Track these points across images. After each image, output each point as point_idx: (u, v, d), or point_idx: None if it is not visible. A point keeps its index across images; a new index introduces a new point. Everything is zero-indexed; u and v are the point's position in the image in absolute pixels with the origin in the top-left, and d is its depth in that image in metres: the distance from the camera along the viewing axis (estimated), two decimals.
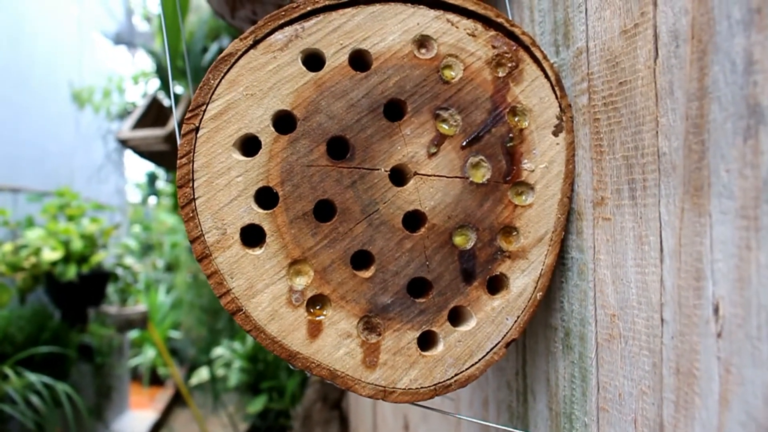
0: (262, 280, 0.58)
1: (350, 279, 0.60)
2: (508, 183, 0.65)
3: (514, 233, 0.65)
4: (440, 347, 0.62)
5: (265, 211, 0.59)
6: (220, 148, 0.59)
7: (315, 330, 0.59)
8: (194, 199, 0.58)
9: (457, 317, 0.64)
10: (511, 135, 0.65)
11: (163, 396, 4.87)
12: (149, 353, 4.82)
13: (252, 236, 0.60)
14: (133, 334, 4.56)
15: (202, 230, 0.58)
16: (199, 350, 3.99)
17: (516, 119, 0.66)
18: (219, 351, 3.40)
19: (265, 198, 0.60)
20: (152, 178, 5.27)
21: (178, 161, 0.58)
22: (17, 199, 3.12)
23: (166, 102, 2.75)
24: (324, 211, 0.61)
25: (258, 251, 0.59)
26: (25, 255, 2.75)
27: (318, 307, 0.60)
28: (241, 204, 0.58)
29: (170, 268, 5.30)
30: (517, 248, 0.65)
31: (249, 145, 0.60)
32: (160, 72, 2.72)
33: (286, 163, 0.59)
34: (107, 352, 3.60)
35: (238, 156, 0.59)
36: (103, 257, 2.97)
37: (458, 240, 0.64)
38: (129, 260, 3.39)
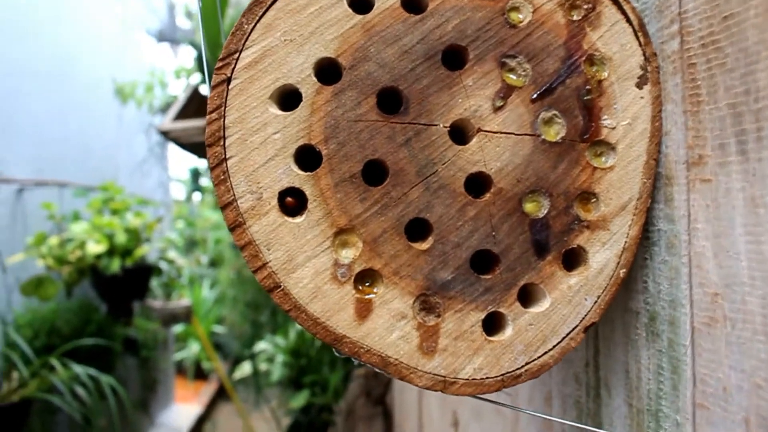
0: (303, 252, 0.50)
1: (404, 251, 0.51)
2: (586, 142, 0.55)
3: (593, 200, 0.56)
4: (509, 331, 0.53)
5: (307, 173, 0.50)
6: (255, 101, 0.50)
7: (364, 310, 0.51)
8: (225, 160, 0.50)
9: (527, 297, 0.55)
10: (588, 87, 0.56)
11: (208, 390, 4.87)
12: (193, 347, 4.82)
13: (293, 201, 0.51)
14: (178, 328, 4.56)
15: (234, 195, 0.50)
16: (242, 345, 3.96)
17: (594, 69, 0.56)
18: (261, 345, 3.35)
19: (307, 158, 0.52)
20: (196, 174, 5.28)
21: (208, 116, 0.50)
22: (63, 193, 3.12)
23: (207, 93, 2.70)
24: (374, 173, 0.52)
25: (298, 219, 0.50)
26: (71, 248, 2.74)
27: (367, 284, 0.52)
28: (278, 164, 0.50)
29: (214, 263, 5.30)
30: (596, 217, 0.55)
31: (288, 98, 0.52)
32: (202, 66, 2.67)
33: (330, 118, 0.51)
34: (152, 346, 3.59)
35: (275, 110, 0.51)
36: (147, 251, 2.95)
37: (529, 207, 0.54)
38: (172, 254, 3.37)
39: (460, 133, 0.53)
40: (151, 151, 3.51)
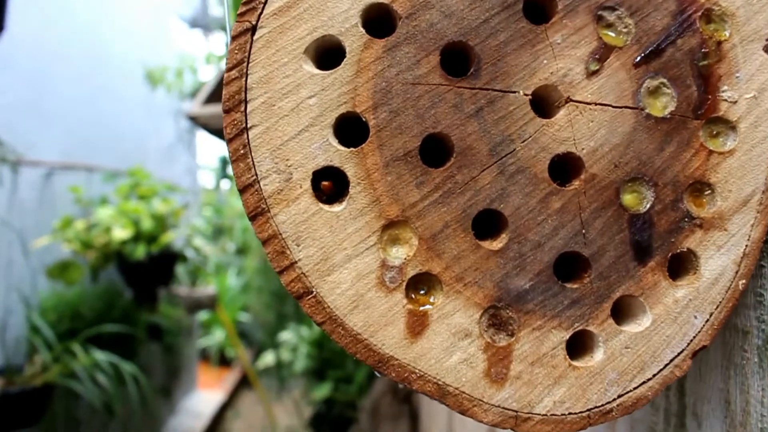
0: (342, 249, 0.39)
1: (471, 252, 0.39)
2: (700, 119, 0.43)
3: (708, 192, 0.43)
4: (599, 355, 0.41)
5: (349, 149, 0.39)
6: (286, 56, 0.39)
7: (418, 325, 0.39)
8: (247, 129, 0.38)
9: (623, 312, 0.43)
10: (704, 50, 0.43)
11: (231, 377, 4.80)
12: (218, 335, 4.76)
13: (329, 185, 0.40)
14: (203, 315, 4.50)
15: (257, 175, 0.38)
16: (267, 334, 3.89)
17: (711, 28, 0.44)
18: (285, 335, 3.26)
19: (350, 130, 0.40)
20: (225, 162, 5.19)
21: (226, 75, 0.39)
22: (92, 178, 3.05)
23: None
24: (435, 150, 0.40)
25: (337, 207, 0.39)
26: (97, 233, 2.67)
27: (422, 292, 0.40)
28: (314, 137, 0.39)
29: (241, 252, 5.24)
30: (711, 214, 0.43)
31: (328, 54, 0.40)
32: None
33: (381, 80, 0.39)
34: (176, 333, 3.53)
35: (311, 68, 0.39)
36: (172, 238, 2.87)
37: (628, 199, 0.42)
38: (198, 241, 3.29)
39: (544, 104, 0.41)
40: (179, 137, 3.42)
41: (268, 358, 3.57)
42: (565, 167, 0.41)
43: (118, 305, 2.80)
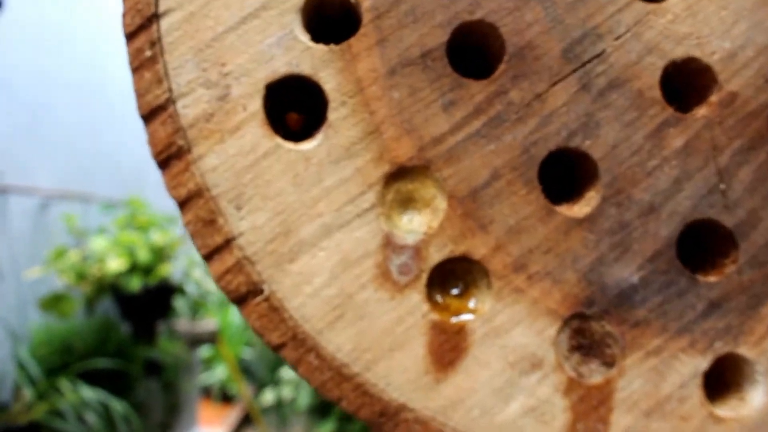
0: (315, 216, 0.22)
1: (539, 221, 0.22)
2: None
3: None
4: (758, 397, 0.24)
5: (328, 46, 0.22)
6: None
7: (449, 349, 0.22)
8: (157, 17, 0.22)
9: None
10: None
11: (233, 414, 4.58)
12: (220, 371, 4.55)
13: (298, 119, 0.23)
14: (205, 351, 4.30)
15: (171, 90, 0.22)
16: (268, 369, 3.69)
17: None
18: (287, 371, 3.06)
19: (329, 19, 0.23)
20: None
21: None
22: (89, 208, 2.91)
23: None
24: (473, 51, 0.24)
25: (308, 144, 0.22)
26: (91, 265, 2.51)
27: (456, 292, 0.23)
28: (267, 27, 0.22)
29: None
30: None
31: None
32: None
33: None
34: (176, 368, 3.34)
35: None
36: (169, 270, 2.70)
37: None
38: (198, 274, 3.12)
39: None
40: None
41: (268, 396, 3.36)
42: (685, 83, 0.24)
43: (113, 339, 2.62)
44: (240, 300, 0.21)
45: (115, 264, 2.47)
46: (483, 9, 0.23)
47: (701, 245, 0.24)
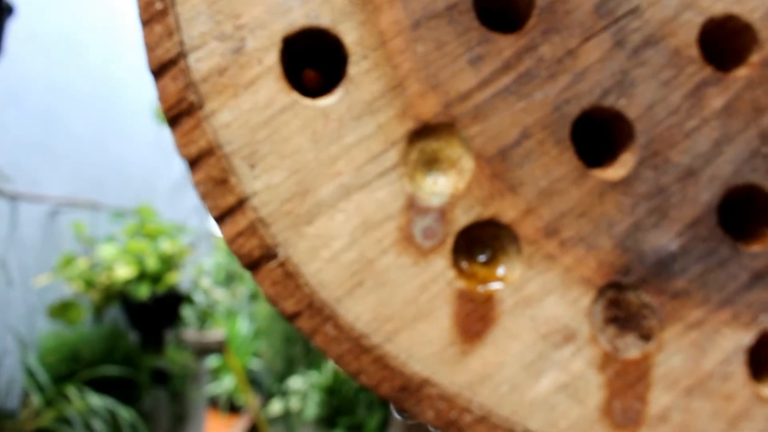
0: (334, 175, 0.20)
1: (572, 183, 0.21)
2: None
3: None
4: None
5: None
6: None
7: (476, 319, 0.20)
8: None
9: None
10: None
11: (241, 425, 4.54)
12: (227, 381, 4.53)
13: (315, 76, 0.22)
14: (212, 361, 4.29)
15: (182, 42, 0.20)
16: (275, 379, 3.66)
17: None
18: (294, 382, 3.04)
19: None
20: None
21: None
22: (99, 217, 2.91)
23: None
24: (502, 5, 0.22)
25: (327, 100, 0.21)
26: (100, 272, 2.51)
27: (484, 259, 0.21)
28: None
29: (253, 297, 5.05)
30: None
31: None
32: None
33: None
34: (184, 378, 3.32)
35: None
36: (178, 279, 2.69)
37: None
38: (206, 282, 3.11)
39: None
40: (187, 176, 3.30)
41: (275, 407, 3.34)
42: (725, 42, 0.23)
43: (121, 347, 2.60)
44: (253, 265, 0.20)
45: (124, 272, 2.46)
46: None
47: (744, 212, 0.22)
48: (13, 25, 1.93)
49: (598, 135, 0.22)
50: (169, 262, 2.65)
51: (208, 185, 0.20)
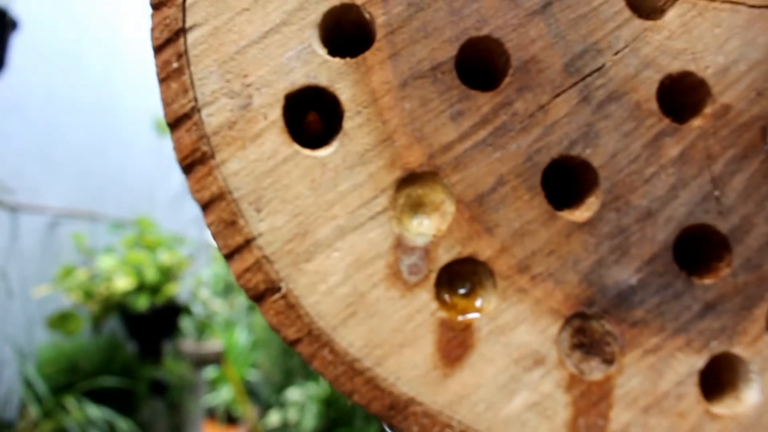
0: (331, 218, 0.23)
1: (542, 225, 0.24)
2: None
3: None
4: (752, 395, 0.24)
5: (344, 60, 0.24)
6: None
7: (456, 345, 0.23)
8: (184, 31, 0.23)
9: None
10: None
11: None
12: (225, 392, 4.54)
13: (315, 119, 0.25)
14: (210, 372, 4.30)
15: (196, 99, 0.23)
16: (273, 391, 3.67)
17: None
18: (292, 394, 3.05)
19: (345, 34, 0.25)
20: None
21: None
22: (98, 228, 2.93)
23: None
24: (480, 65, 0.25)
25: (324, 151, 0.23)
26: (99, 283, 2.53)
27: (464, 292, 0.24)
28: (287, 42, 0.23)
29: (251, 308, 5.06)
30: None
31: None
32: None
33: None
34: (181, 389, 3.33)
35: None
36: (177, 290, 2.71)
37: None
38: (205, 294, 3.13)
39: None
40: (186, 187, 3.33)
41: (273, 418, 3.35)
42: (681, 95, 0.26)
43: (119, 358, 2.62)
44: (258, 297, 0.22)
45: (123, 283, 2.48)
46: (489, 25, 0.24)
47: (697, 249, 0.25)
48: (16, 36, 1.96)
49: (566, 180, 0.25)
50: (168, 274, 2.67)
51: (219, 226, 0.22)
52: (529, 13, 0.24)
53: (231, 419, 4.89)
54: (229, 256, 0.22)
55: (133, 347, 2.87)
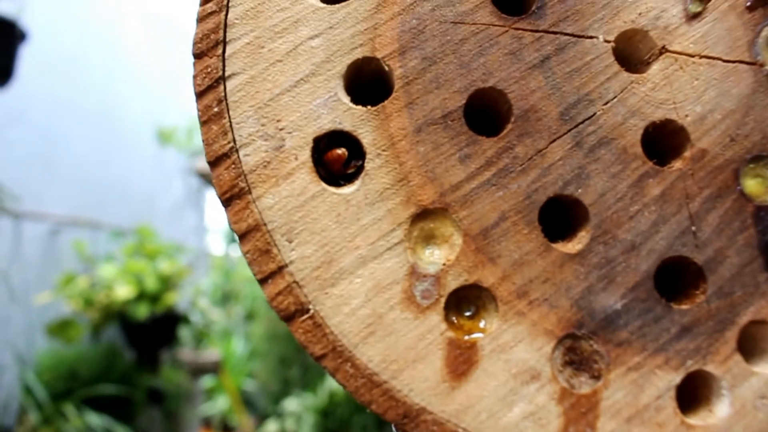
0: (353, 248, 0.26)
1: (539, 255, 0.27)
2: None
3: None
4: (723, 409, 0.28)
5: (366, 108, 0.27)
6: None
7: (462, 361, 0.26)
8: (224, 79, 0.27)
9: (754, 345, 0.29)
10: None
11: None
12: (221, 401, 4.54)
13: (342, 155, 0.28)
14: (207, 381, 4.31)
15: (234, 140, 0.26)
16: (270, 400, 3.68)
17: None
18: (289, 404, 3.07)
19: (367, 83, 0.28)
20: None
21: (201, 9, 0.28)
22: (99, 236, 2.95)
23: None
24: (486, 113, 0.28)
25: (348, 189, 0.27)
26: (99, 291, 2.55)
27: (469, 314, 0.27)
28: (316, 90, 0.27)
29: (249, 317, 5.07)
30: None
31: None
32: None
33: (411, 16, 0.27)
34: (178, 397, 3.34)
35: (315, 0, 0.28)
36: (176, 299, 2.73)
37: (751, 185, 0.29)
38: (204, 303, 3.15)
39: (632, 54, 0.30)
40: (188, 196, 3.35)
41: (270, 428, 3.36)
42: (664, 140, 0.29)
43: (117, 366, 2.63)
44: (289, 318, 0.26)
45: (123, 291, 2.50)
46: (494, 78, 0.27)
47: (675, 278, 0.28)
48: (24, 47, 2.00)
49: (560, 216, 0.28)
50: (167, 282, 2.69)
51: (254, 254, 0.26)
52: (530, 66, 0.28)
53: (227, 429, 4.89)
54: (263, 281, 0.26)
55: (130, 355, 2.88)
